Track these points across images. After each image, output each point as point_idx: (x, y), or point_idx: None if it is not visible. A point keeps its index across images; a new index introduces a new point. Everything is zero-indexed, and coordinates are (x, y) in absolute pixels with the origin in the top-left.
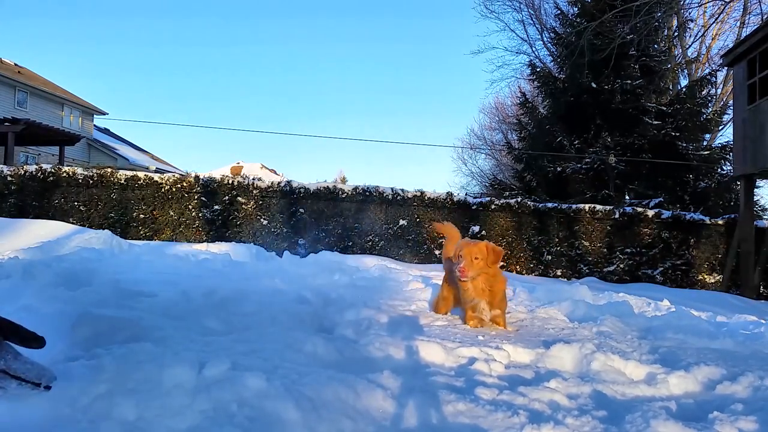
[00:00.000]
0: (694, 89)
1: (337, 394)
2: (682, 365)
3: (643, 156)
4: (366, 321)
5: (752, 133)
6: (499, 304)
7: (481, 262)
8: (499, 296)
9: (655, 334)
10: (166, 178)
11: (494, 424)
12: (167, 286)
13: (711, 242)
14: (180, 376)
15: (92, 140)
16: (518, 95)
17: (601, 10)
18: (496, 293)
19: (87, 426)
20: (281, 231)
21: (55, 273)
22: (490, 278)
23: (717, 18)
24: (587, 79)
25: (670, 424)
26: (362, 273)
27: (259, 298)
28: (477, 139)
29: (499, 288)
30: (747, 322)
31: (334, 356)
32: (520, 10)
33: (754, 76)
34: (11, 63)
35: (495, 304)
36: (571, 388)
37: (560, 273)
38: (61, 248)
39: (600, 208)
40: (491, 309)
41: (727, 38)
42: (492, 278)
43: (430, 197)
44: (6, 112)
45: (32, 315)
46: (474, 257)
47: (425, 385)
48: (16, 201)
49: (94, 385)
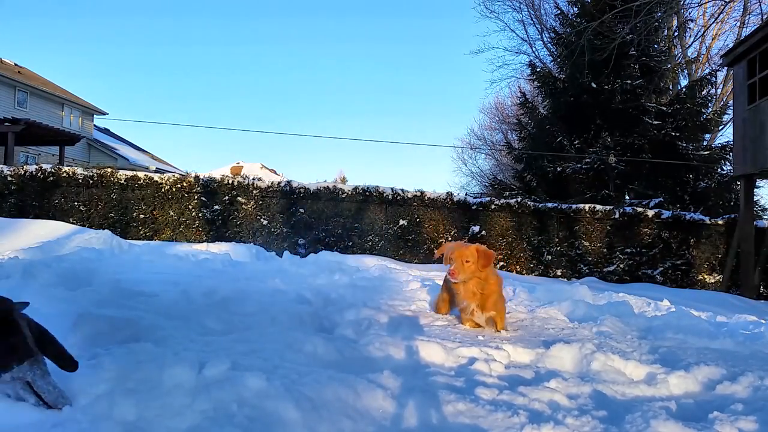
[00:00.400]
0: (694, 89)
1: (337, 394)
2: (682, 365)
3: (643, 156)
4: (366, 321)
5: (752, 133)
6: (494, 305)
7: (473, 265)
8: (492, 298)
9: (655, 334)
10: (166, 178)
11: (494, 424)
12: (167, 286)
13: (711, 242)
14: (180, 376)
15: (92, 140)
16: (518, 95)
17: (601, 10)
18: (488, 295)
19: (87, 426)
20: (281, 231)
21: (55, 273)
22: (481, 282)
23: (717, 18)
24: (587, 79)
25: (670, 424)
26: (362, 273)
27: (259, 298)
28: (477, 139)
29: (491, 290)
30: (747, 322)
31: (334, 356)
32: (520, 10)
33: (754, 76)
34: (11, 63)
35: (488, 306)
36: (571, 388)
37: (560, 273)
38: (61, 248)
39: (600, 208)
40: (483, 311)
41: (727, 38)
42: (483, 281)
43: (430, 197)
44: (6, 112)
45: (32, 315)
46: (465, 260)
47: (425, 385)
48: (16, 201)
49: (94, 385)
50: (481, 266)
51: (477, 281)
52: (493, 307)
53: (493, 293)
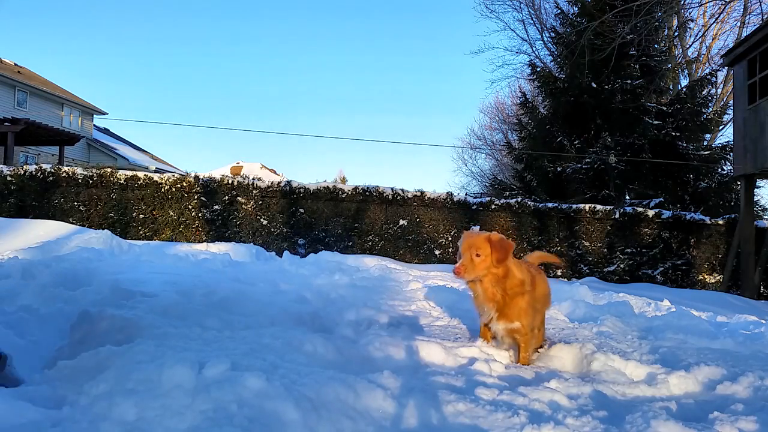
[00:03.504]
0: (695, 89)
1: (337, 394)
2: (682, 365)
3: (644, 156)
4: (366, 321)
5: (752, 133)
6: (520, 314)
7: (485, 259)
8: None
9: (655, 334)
10: (166, 178)
11: (494, 425)
12: (167, 286)
13: (711, 242)
14: (180, 376)
15: (92, 140)
16: (518, 95)
17: (601, 10)
18: (511, 297)
19: (87, 426)
20: (281, 231)
21: (55, 273)
22: (500, 279)
23: (717, 18)
24: (587, 78)
25: (670, 424)
26: (362, 273)
27: (259, 298)
28: (477, 139)
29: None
30: (747, 322)
31: (334, 356)
32: (520, 10)
33: (754, 76)
34: (11, 63)
35: (511, 314)
36: (571, 388)
37: (560, 273)
38: (60, 248)
39: (600, 208)
40: (502, 320)
41: (727, 38)
42: (503, 279)
43: (430, 197)
44: (6, 111)
45: (32, 315)
46: (475, 253)
47: (425, 385)
48: (16, 201)
49: (94, 385)
50: (495, 260)
51: (493, 278)
52: (518, 317)
53: (517, 296)
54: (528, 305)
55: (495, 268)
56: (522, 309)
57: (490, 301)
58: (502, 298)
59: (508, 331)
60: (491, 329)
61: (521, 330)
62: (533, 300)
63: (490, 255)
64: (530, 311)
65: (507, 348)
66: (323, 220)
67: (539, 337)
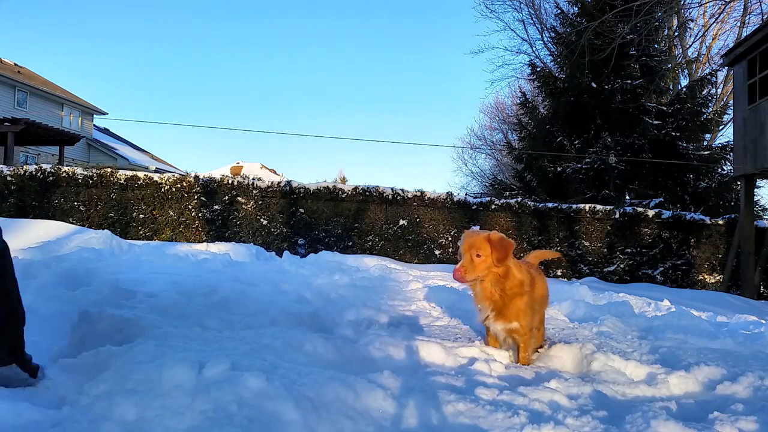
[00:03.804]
0: (695, 89)
1: (337, 394)
2: (682, 365)
3: (643, 156)
4: (366, 321)
5: (752, 133)
6: (518, 314)
7: (486, 260)
8: (516, 303)
9: (655, 334)
10: (166, 178)
11: (494, 425)
12: (167, 286)
13: (711, 242)
14: (180, 376)
15: (92, 140)
16: (518, 95)
17: (601, 10)
18: (510, 297)
19: (87, 426)
20: (281, 231)
21: (55, 273)
22: (500, 279)
23: (717, 18)
24: (587, 78)
25: (670, 424)
26: (362, 273)
27: (259, 298)
28: (477, 139)
29: (514, 291)
30: (747, 322)
31: (334, 356)
32: (520, 10)
33: (754, 76)
34: (11, 63)
35: (509, 313)
36: (571, 388)
37: (560, 273)
38: (60, 248)
39: (600, 208)
40: (500, 319)
41: (727, 38)
42: (502, 278)
43: (430, 197)
44: (6, 111)
45: (32, 315)
46: (475, 254)
47: (425, 385)
48: (16, 201)
49: (94, 385)
50: (495, 260)
51: (494, 277)
52: (517, 317)
53: (516, 296)
54: (527, 306)
55: (496, 268)
56: (521, 309)
57: (490, 301)
58: (501, 298)
59: (506, 331)
60: (490, 329)
61: (520, 330)
62: (532, 300)
63: (490, 255)
64: (529, 312)
65: (507, 348)
66: (323, 220)
67: (539, 337)
